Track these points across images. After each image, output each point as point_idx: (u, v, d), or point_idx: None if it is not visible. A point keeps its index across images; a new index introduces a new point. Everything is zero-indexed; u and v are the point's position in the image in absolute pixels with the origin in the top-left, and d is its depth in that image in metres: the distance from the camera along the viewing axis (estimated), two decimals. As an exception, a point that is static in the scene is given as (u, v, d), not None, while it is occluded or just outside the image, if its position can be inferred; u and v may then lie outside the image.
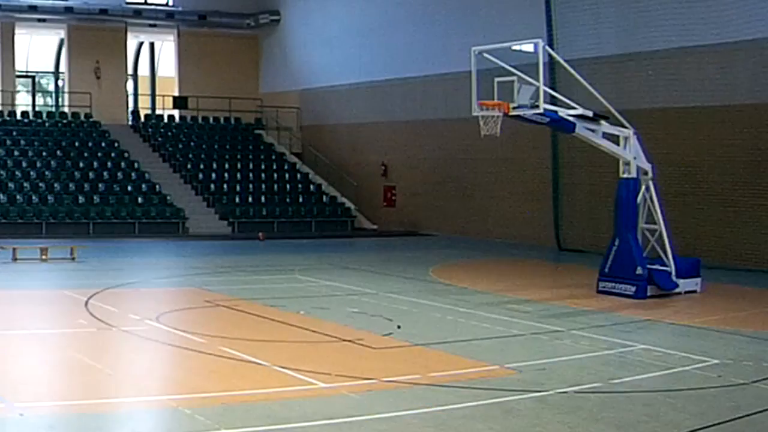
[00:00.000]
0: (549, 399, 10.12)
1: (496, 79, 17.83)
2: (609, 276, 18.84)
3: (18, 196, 32.53)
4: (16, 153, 35.28)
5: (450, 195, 33.77)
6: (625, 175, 18.89)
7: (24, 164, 34.75)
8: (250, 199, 36.21)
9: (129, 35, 41.31)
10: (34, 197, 32.66)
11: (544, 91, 17.77)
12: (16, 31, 39.21)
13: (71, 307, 15.96)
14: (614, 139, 19.01)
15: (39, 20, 39.01)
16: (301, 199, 37.08)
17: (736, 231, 24.11)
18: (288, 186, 37.93)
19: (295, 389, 10.42)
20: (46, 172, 34.57)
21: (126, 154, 37.21)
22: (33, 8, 38.21)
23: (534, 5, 28.59)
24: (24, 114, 38.82)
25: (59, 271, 21.87)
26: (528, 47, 19.52)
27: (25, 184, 33.41)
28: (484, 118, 17.81)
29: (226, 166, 38.13)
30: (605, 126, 18.81)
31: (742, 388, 10.81)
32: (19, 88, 41.76)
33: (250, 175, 38.08)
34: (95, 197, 33.53)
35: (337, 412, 9.29)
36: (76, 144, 36.83)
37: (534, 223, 30.50)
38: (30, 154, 35.46)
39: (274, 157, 40.01)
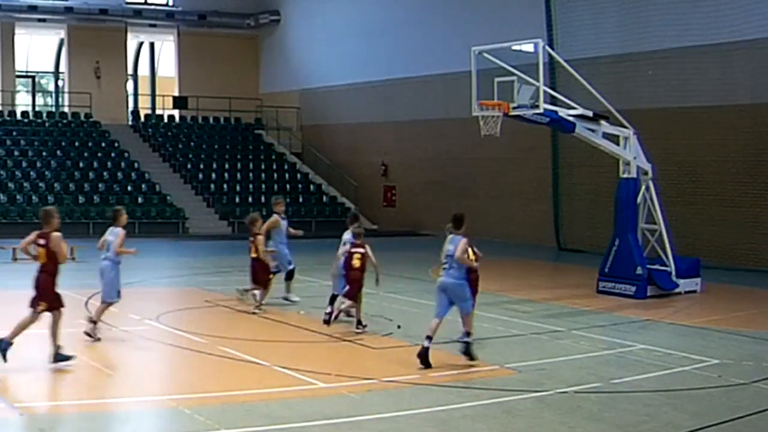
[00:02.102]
0: (549, 399, 10.12)
1: (496, 79, 17.83)
2: (609, 276, 18.84)
3: (18, 196, 32.53)
4: (16, 153, 35.27)
5: (450, 195, 33.74)
6: (625, 175, 18.89)
7: (24, 164, 34.74)
8: (250, 199, 36.18)
9: (129, 35, 41.31)
10: (34, 197, 32.64)
11: (544, 91, 17.77)
12: (16, 31, 39.21)
13: (71, 307, 15.91)
14: (614, 139, 19.00)
15: (39, 20, 39.02)
16: (301, 199, 37.06)
17: (736, 231, 24.11)
18: (288, 186, 37.91)
19: (295, 389, 10.42)
20: (46, 172, 34.57)
21: (126, 154, 37.21)
22: (33, 8, 38.21)
23: (534, 5, 28.59)
24: (24, 114, 38.82)
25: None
26: (528, 47, 19.52)
27: (25, 184, 33.41)
28: (484, 118, 17.82)
29: (226, 166, 38.13)
30: (605, 126, 18.81)
31: (742, 388, 10.81)
32: (19, 88, 41.76)
33: (250, 175, 38.07)
34: (95, 197, 33.52)
35: (337, 412, 9.29)
36: (76, 144, 36.84)
37: (534, 223, 30.49)
38: (30, 154, 35.45)
39: (274, 157, 40.01)
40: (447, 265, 11.95)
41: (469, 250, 12.60)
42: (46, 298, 11.23)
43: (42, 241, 11.25)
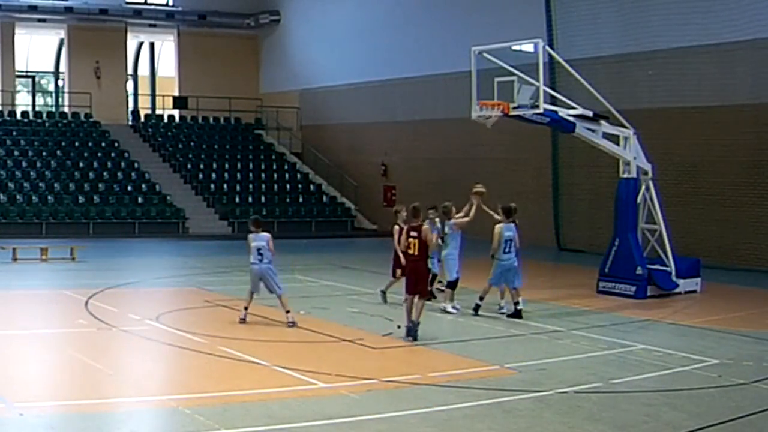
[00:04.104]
0: (549, 399, 10.12)
1: (496, 79, 17.83)
2: (609, 276, 18.83)
3: (18, 196, 32.53)
4: (16, 153, 35.28)
5: (450, 195, 33.61)
6: (625, 175, 18.89)
7: (24, 164, 34.75)
8: (250, 199, 36.20)
9: (129, 35, 41.30)
10: (34, 197, 32.65)
11: (544, 91, 17.76)
12: (16, 31, 39.20)
13: (71, 307, 15.96)
14: (614, 139, 19.00)
15: (39, 20, 39.01)
16: (301, 199, 37.06)
17: (736, 231, 24.10)
18: (288, 186, 37.92)
19: (295, 389, 10.42)
20: (46, 172, 34.57)
21: (126, 154, 37.21)
22: (33, 8, 38.21)
23: (534, 5, 28.57)
24: (24, 114, 38.82)
25: (59, 271, 21.87)
26: (528, 47, 19.53)
27: (25, 184, 33.41)
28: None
29: (226, 166, 38.13)
30: (605, 126, 18.80)
31: (742, 388, 10.81)
32: (19, 88, 41.76)
33: (250, 175, 38.07)
34: (95, 197, 33.52)
35: (337, 412, 9.29)
36: (76, 144, 36.84)
37: (534, 223, 30.43)
38: (30, 154, 35.46)
39: (274, 157, 40.01)
40: (508, 249, 14.87)
41: None
42: (426, 283, 12.97)
43: (415, 233, 12.79)
